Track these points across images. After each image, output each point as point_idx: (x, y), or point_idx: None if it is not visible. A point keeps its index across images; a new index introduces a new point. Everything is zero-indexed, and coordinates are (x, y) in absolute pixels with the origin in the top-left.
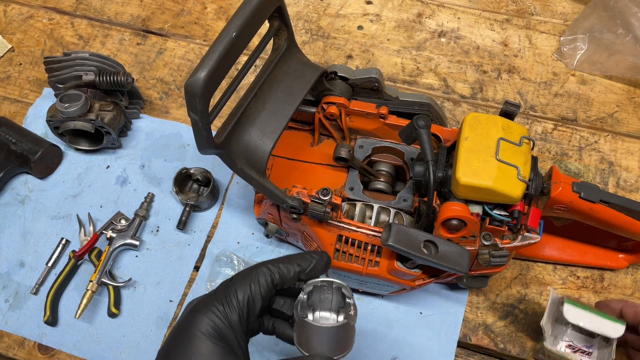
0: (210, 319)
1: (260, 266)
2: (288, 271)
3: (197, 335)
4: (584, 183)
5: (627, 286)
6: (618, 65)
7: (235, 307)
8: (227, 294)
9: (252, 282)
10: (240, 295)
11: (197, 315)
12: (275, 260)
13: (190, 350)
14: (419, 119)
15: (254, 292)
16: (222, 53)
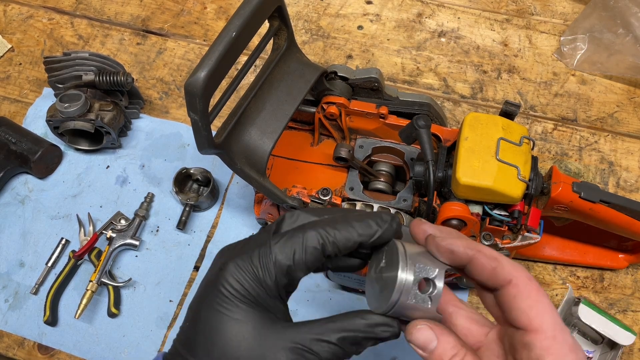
0: (242, 282)
1: (309, 229)
2: (347, 240)
3: (229, 298)
4: (584, 183)
5: (627, 286)
6: (618, 65)
7: (273, 273)
8: (263, 257)
9: (297, 248)
10: (280, 262)
11: (227, 276)
12: (330, 222)
13: (223, 312)
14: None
15: (298, 261)
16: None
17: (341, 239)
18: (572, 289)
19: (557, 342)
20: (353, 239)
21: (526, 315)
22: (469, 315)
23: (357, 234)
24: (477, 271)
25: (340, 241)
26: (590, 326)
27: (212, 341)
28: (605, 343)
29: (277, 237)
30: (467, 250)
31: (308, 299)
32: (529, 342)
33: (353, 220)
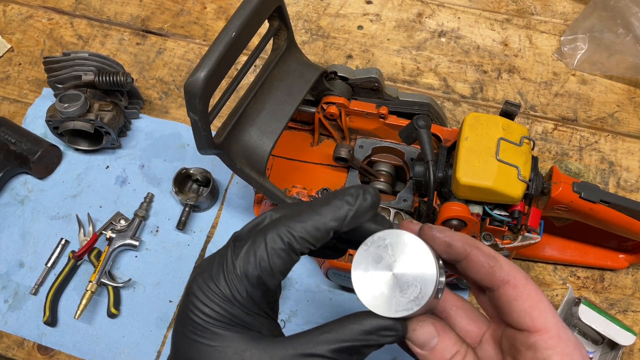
0: (211, 306)
1: (270, 229)
2: (316, 230)
3: (202, 325)
4: (584, 183)
5: (628, 286)
6: (618, 65)
7: (243, 288)
8: (227, 274)
9: (262, 254)
10: (248, 275)
11: (195, 302)
12: (293, 215)
13: (199, 341)
14: (419, 119)
15: (265, 269)
16: (222, 53)
17: (310, 230)
18: (572, 289)
19: (562, 341)
20: (324, 227)
21: (529, 316)
22: (468, 314)
23: (327, 219)
24: (473, 268)
25: (309, 233)
26: (590, 326)
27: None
28: (605, 343)
29: (238, 248)
30: (465, 246)
31: (308, 299)
32: (534, 343)
33: (319, 206)
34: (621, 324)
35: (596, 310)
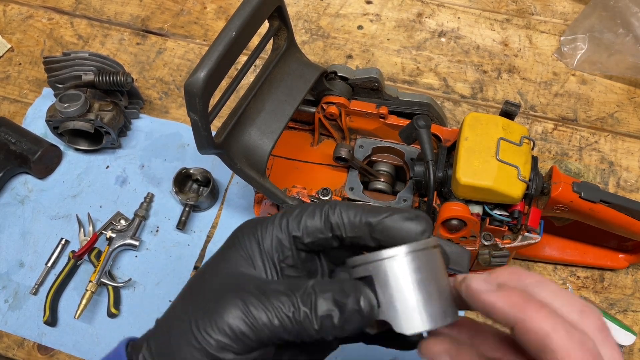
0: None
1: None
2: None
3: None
4: (584, 183)
5: (628, 286)
6: (618, 65)
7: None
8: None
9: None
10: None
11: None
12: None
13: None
14: (419, 119)
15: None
16: (222, 53)
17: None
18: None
19: None
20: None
21: None
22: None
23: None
24: (520, 340)
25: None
26: None
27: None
28: None
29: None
30: (512, 311)
31: None
32: None
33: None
34: (621, 324)
35: None
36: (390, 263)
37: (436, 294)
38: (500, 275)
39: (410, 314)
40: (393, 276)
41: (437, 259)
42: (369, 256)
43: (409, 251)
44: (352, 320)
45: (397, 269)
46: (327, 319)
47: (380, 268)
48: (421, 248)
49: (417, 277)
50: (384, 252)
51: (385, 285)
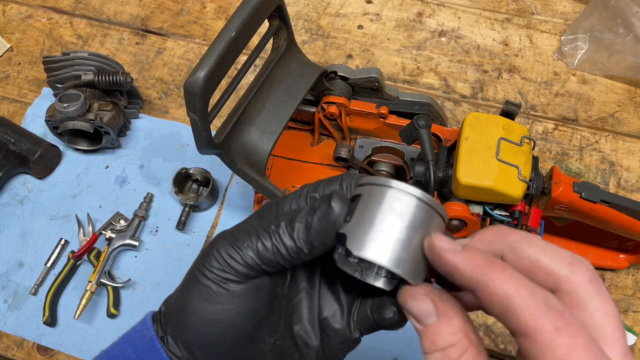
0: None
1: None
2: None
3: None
4: (584, 183)
5: (628, 286)
6: (619, 65)
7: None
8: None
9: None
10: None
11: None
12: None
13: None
14: (419, 119)
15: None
16: (222, 52)
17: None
18: None
19: None
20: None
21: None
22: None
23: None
24: (483, 304)
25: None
26: None
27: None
28: None
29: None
30: (475, 273)
31: None
32: None
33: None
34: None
35: None
36: (383, 190)
37: (409, 246)
38: (484, 234)
39: (369, 239)
40: (376, 202)
41: (435, 223)
42: (372, 179)
43: (409, 193)
44: (321, 225)
45: (385, 198)
46: (300, 221)
47: (373, 191)
48: (425, 201)
49: (402, 219)
50: (388, 181)
51: (365, 207)
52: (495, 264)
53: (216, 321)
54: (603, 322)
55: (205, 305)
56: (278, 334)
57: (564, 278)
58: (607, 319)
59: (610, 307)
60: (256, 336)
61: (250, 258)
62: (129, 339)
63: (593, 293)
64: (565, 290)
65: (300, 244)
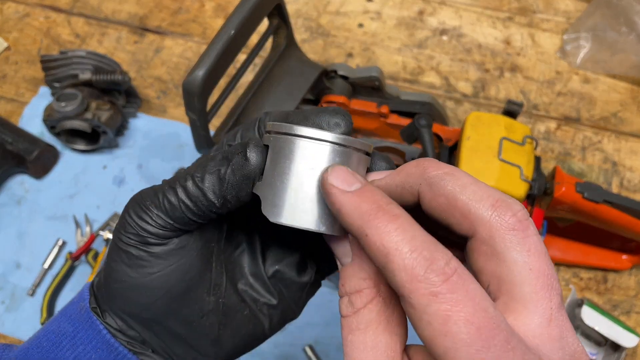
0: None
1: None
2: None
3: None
4: (587, 183)
5: (631, 287)
6: (621, 64)
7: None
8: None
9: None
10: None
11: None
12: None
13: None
14: (421, 118)
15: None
16: (221, 51)
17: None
18: (575, 291)
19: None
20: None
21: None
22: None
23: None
24: (369, 256)
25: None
26: (593, 328)
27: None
28: (608, 345)
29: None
30: (359, 221)
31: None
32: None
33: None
34: (624, 325)
35: (599, 311)
36: (290, 141)
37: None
38: (406, 166)
39: (278, 201)
40: (284, 156)
41: (352, 162)
42: (278, 126)
43: (319, 139)
44: (235, 178)
45: (293, 150)
46: (214, 175)
47: (279, 142)
48: (339, 143)
49: (314, 171)
50: (292, 127)
51: (273, 163)
52: (383, 212)
53: (142, 286)
54: (522, 278)
55: (128, 271)
56: (220, 292)
57: (482, 221)
58: (528, 275)
59: (536, 260)
60: (192, 296)
61: (160, 217)
62: (67, 312)
63: (515, 242)
64: (482, 237)
65: (212, 197)
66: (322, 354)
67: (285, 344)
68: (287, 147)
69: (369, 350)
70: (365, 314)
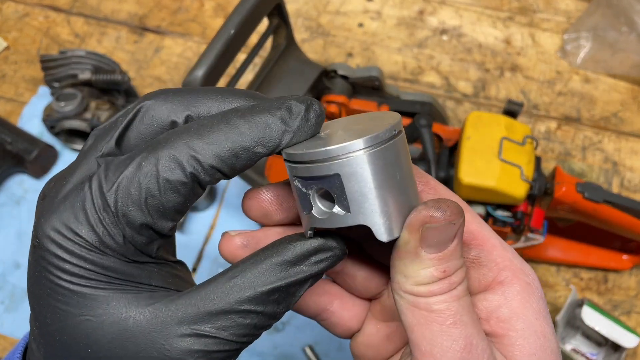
0: (71, 260)
1: (165, 146)
2: (234, 157)
3: (64, 288)
4: (588, 183)
5: (632, 287)
6: (622, 63)
7: (116, 231)
8: (91, 208)
9: (151, 186)
10: (125, 213)
11: (48, 255)
12: (201, 132)
13: (64, 314)
14: (421, 118)
15: (153, 207)
16: (220, 51)
17: (224, 156)
18: (575, 291)
19: (508, 251)
20: (245, 154)
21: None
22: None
23: (249, 142)
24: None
25: (223, 160)
26: (593, 329)
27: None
28: (609, 345)
29: (113, 171)
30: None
31: None
32: (476, 257)
33: (238, 121)
34: (625, 326)
35: (600, 311)
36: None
37: (399, 195)
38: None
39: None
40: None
41: (401, 155)
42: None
43: (349, 153)
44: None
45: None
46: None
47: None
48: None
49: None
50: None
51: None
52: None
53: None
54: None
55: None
56: None
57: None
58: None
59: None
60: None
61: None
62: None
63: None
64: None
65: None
66: (322, 354)
67: (285, 344)
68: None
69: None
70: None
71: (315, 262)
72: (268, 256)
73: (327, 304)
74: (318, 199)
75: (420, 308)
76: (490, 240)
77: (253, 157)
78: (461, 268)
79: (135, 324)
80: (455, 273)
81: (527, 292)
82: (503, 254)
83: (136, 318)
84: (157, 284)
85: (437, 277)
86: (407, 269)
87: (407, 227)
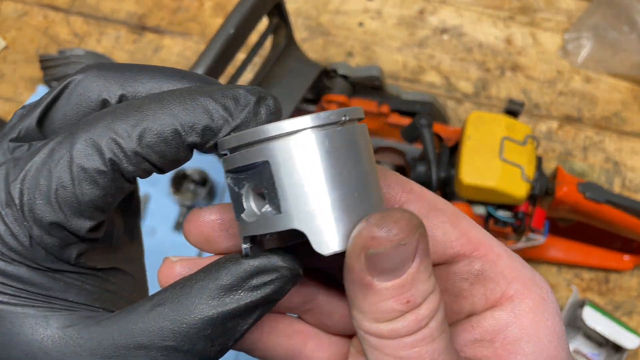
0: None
1: (82, 129)
2: (163, 143)
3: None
4: (589, 183)
5: (633, 288)
6: (623, 63)
7: (22, 231)
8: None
9: (64, 177)
10: (32, 208)
11: None
12: (127, 112)
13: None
14: (421, 118)
15: (66, 202)
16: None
17: (150, 141)
18: (577, 291)
19: (513, 259)
20: (175, 140)
21: (464, 236)
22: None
23: (182, 126)
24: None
25: (150, 147)
26: (595, 329)
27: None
28: (610, 346)
29: (21, 160)
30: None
31: None
32: (480, 269)
33: (173, 102)
34: (626, 326)
35: (601, 312)
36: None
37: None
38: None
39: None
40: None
41: (359, 141)
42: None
43: (295, 130)
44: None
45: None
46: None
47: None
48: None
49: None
50: (257, 131)
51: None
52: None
53: None
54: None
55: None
56: None
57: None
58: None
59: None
60: None
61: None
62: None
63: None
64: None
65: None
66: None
67: None
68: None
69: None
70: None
71: (255, 287)
72: (200, 279)
73: (300, 346)
74: (251, 199)
75: (386, 354)
76: (494, 249)
77: (185, 146)
78: (432, 293)
79: (41, 350)
80: (424, 303)
81: (541, 308)
82: (510, 263)
83: (43, 343)
84: (76, 300)
85: (399, 310)
86: (361, 302)
87: (348, 252)
